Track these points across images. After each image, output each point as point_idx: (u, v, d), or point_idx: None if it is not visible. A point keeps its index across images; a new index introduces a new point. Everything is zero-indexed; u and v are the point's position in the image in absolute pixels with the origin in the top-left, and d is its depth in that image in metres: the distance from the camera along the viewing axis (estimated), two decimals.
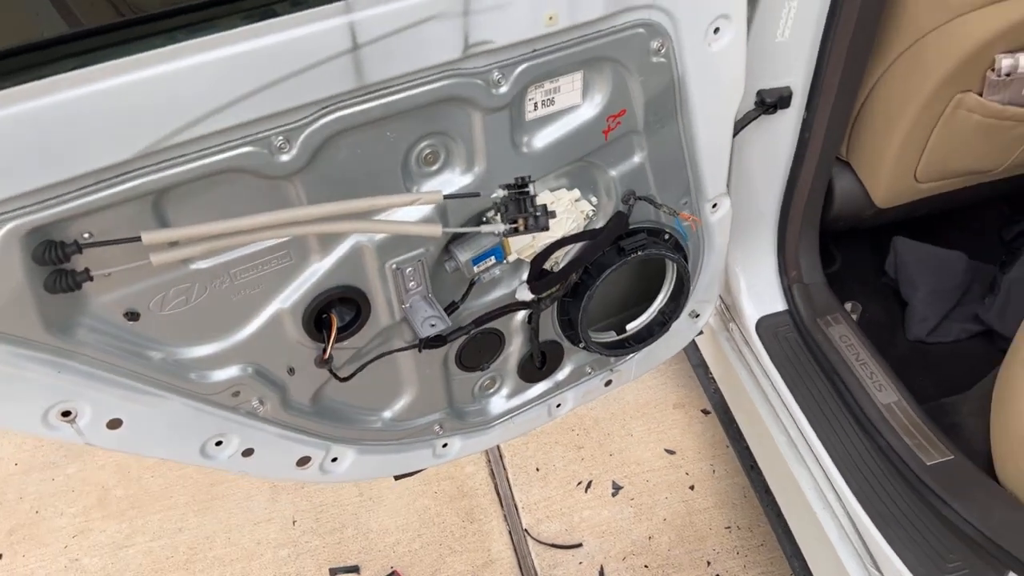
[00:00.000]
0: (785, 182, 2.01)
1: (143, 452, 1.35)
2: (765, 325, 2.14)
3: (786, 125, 1.88)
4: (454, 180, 1.37)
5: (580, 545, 2.40)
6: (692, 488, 2.51)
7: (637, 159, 1.56)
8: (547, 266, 1.59)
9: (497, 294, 1.61)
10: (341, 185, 1.24)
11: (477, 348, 1.70)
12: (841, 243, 2.57)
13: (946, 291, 2.32)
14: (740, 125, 1.78)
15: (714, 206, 1.76)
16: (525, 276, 1.58)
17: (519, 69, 1.28)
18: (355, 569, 2.42)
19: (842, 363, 1.98)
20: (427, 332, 1.42)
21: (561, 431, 2.66)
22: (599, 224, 1.60)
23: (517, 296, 1.62)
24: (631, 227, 1.67)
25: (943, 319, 2.31)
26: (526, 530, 2.45)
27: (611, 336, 1.89)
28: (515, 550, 2.41)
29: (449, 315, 1.52)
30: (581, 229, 1.57)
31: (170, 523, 2.59)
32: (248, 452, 1.49)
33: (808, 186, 2.00)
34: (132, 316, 1.21)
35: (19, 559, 2.54)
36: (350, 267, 1.35)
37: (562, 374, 1.89)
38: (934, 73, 1.82)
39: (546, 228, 1.29)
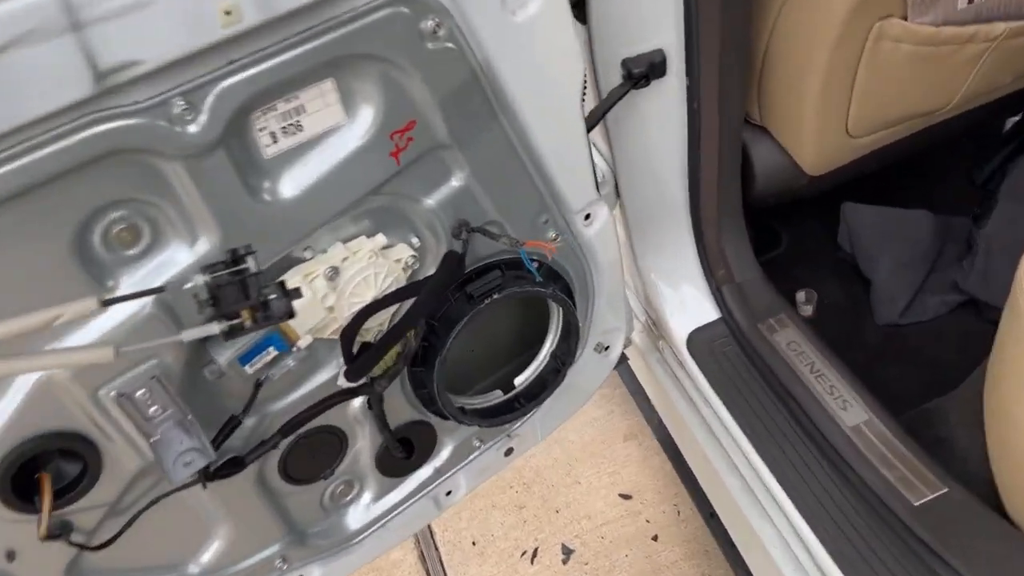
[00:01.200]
0: (686, 165, 1.61)
1: None
2: (697, 340, 1.74)
3: (670, 96, 1.48)
4: (178, 258, 0.97)
5: None
6: (655, 539, 2.11)
7: (457, 181, 1.17)
8: (370, 338, 1.20)
9: (312, 384, 1.22)
10: None
11: (308, 453, 1.30)
12: (785, 218, 2.17)
13: (914, 259, 1.92)
14: (603, 108, 1.38)
15: (587, 218, 1.35)
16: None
17: (215, 91, 0.88)
18: None
19: (793, 378, 1.59)
20: (181, 474, 1.02)
21: (497, 490, 2.26)
22: (431, 271, 1.21)
23: (340, 382, 1.22)
24: (483, 264, 1.28)
25: (916, 294, 1.91)
26: None
27: (496, 397, 1.49)
28: None
29: (230, 433, 1.12)
30: (403, 282, 1.17)
31: None
32: None
33: (715, 164, 1.60)
34: None
35: None
36: (45, 409, 0.95)
37: (442, 456, 1.49)
38: (840, 1, 1.42)
39: (288, 315, 0.89)
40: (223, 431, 1.11)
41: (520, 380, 1.49)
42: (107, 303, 0.81)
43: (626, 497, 2.19)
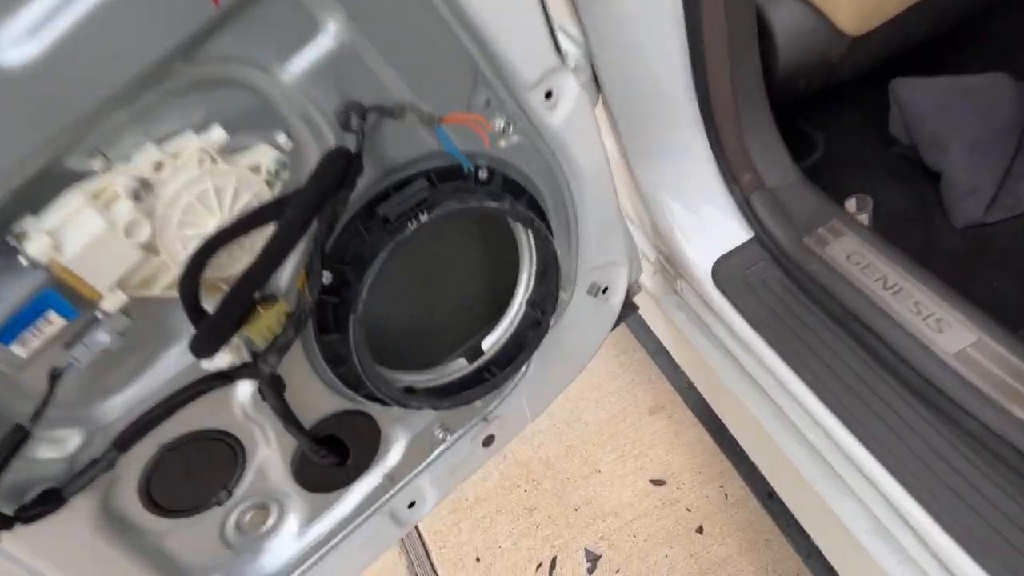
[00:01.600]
0: (685, 38, 1.19)
1: None
2: (726, 271, 1.33)
3: None
4: None
5: None
6: (700, 531, 1.69)
7: (330, 37, 0.77)
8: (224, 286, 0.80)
9: (160, 372, 0.83)
10: None
11: (186, 470, 0.91)
12: (816, 115, 1.74)
13: (997, 138, 1.48)
14: None
15: (548, 96, 0.95)
16: None
17: None
18: None
19: (863, 299, 1.18)
20: None
21: (501, 490, 1.85)
22: None
23: (203, 364, 0.82)
24: (403, 175, 0.89)
25: (1003, 181, 1.47)
26: None
27: (459, 367, 1.09)
28: None
29: (13, 453, 0.73)
30: (268, 197, 0.78)
31: None
32: None
33: (723, 28, 1.19)
34: None
35: None
36: None
37: (392, 457, 1.10)
38: None
39: None
40: (4, 449, 0.72)
41: (490, 342, 1.10)
42: None
43: (659, 483, 1.77)
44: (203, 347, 0.76)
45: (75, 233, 0.67)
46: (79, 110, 0.65)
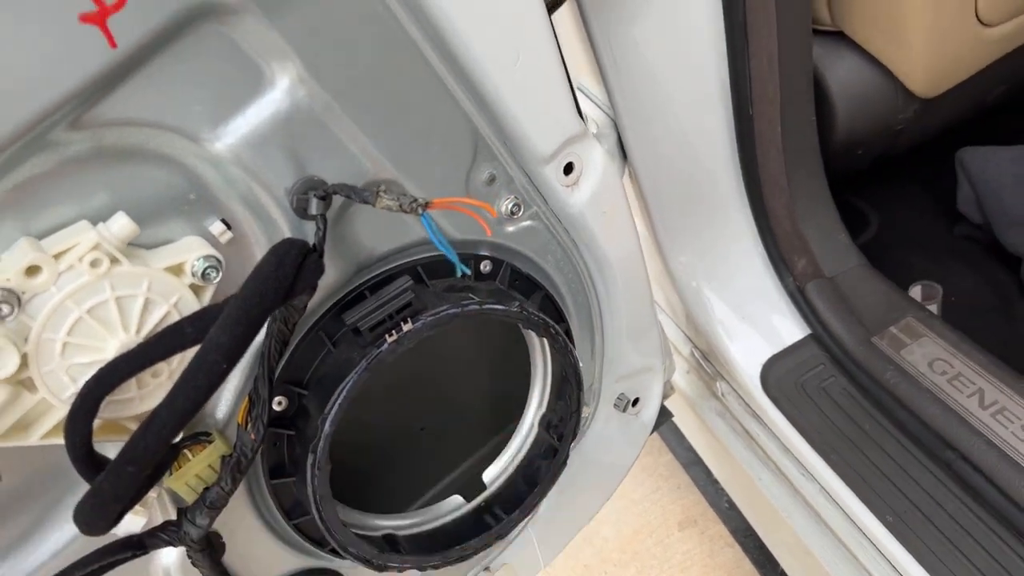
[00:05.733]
0: (729, 97, 1.00)
1: None
2: (777, 375, 1.11)
3: None
4: None
5: None
6: None
7: (282, 93, 0.57)
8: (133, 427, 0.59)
9: (47, 546, 0.62)
10: None
11: None
12: (870, 189, 1.54)
13: None
14: None
15: (568, 171, 0.75)
16: None
17: None
18: None
19: (952, 417, 0.95)
20: None
21: None
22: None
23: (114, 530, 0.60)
24: (382, 271, 0.69)
25: None
26: None
27: (453, 506, 0.87)
28: None
29: None
30: (195, 308, 0.57)
31: None
32: None
33: (775, 90, 1.00)
34: None
35: None
36: None
37: None
38: None
39: None
40: None
41: (492, 474, 0.88)
42: None
43: None
44: (90, 521, 0.54)
45: None
46: None
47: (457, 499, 0.87)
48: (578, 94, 0.77)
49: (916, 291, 1.34)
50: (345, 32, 0.58)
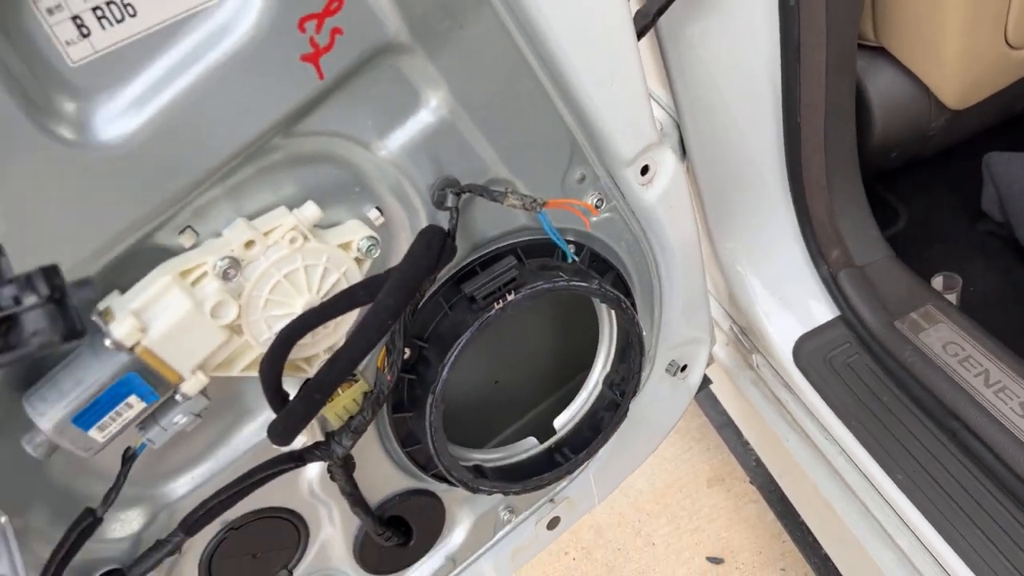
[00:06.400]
0: (780, 105, 1.14)
1: None
2: (808, 350, 1.26)
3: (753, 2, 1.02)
4: None
5: None
6: None
7: (430, 112, 0.73)
8: (311, 372, 0.76)
9: (234, 448, 0.79)
10: None
11: (250, 550, 0.87)
12: (902, 185, 1.66)
13: None
14: (654, 9, 0.93)
15: (644, 172, 0.90)
16: None
17: None
18: None
19: (962, 395, 1.10)
20: None
21: (550, 558, 1.78)
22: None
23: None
24: (491, 250, 0.84)
25: None
26: None
27: (529, 446, 1.04)
28: None
29: (87, 536, 0.69)
30: (360, 277, 0.73)
31: None
32: None
33: (820, 100, 1.13)
34: None
35: None
36: None
37: (455, 538, 1.05)
38: None
39: (69, 336, 0.45)
40: (73, 535, 0.68)
41: (562, 421, 1.04)
42: None
43: (716, 561, 1.68)
44: (282, 434, 0.72)
45: (162, 314, 0.63)
46: (176, 186, 0.62)
47: (532, 440, 1.04)
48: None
49: (938, 281, 1.47)
50: (483, 64, 0.73)
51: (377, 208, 0.76)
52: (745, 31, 1.03)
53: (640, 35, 0.87)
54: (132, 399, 0.65)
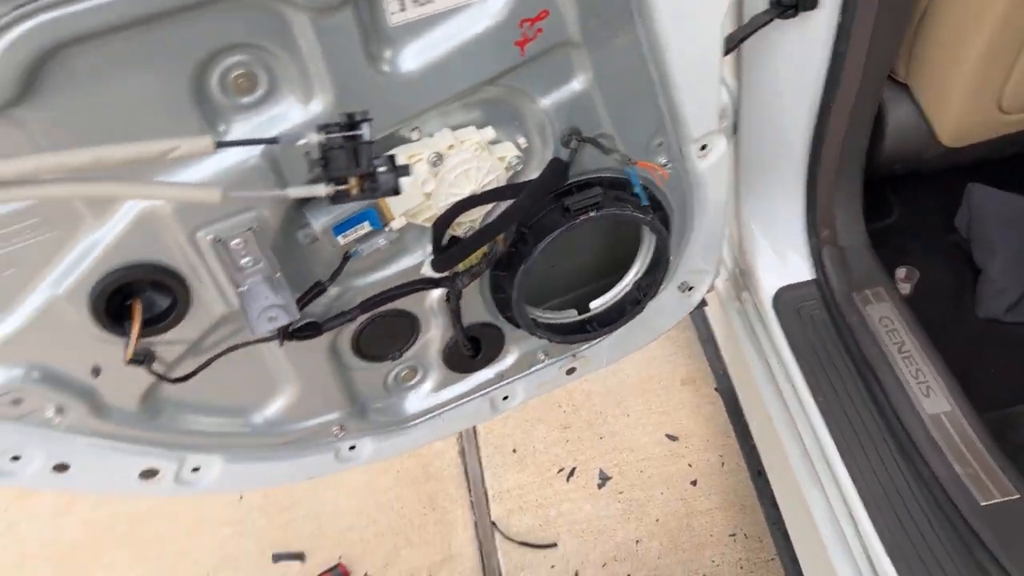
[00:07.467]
0: (816, 112, 1.50)
1: None
2: (785, 299, 1.68)
3: (815, 34, 1.37)
4: (290, 115, 0.96)
5: (554, 545, 2.05)
6: (694, 483, 2.10)
7: (578, 84, 1.11)
8: (459, 232, 1.18)
9: (397, 267, 1.21)
10: (99, 128, 0.85)
11: (381, 333, 1.31)
12: (902, 186, 2.04)
13: None
14: (743, 34, 1.29)
15: (703, 148, 1.29)
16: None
17: None
18: (300, 556, 2.13)
19: (880, 355, 1.52)
20: (263, 327, 1.03)
21: (546, 407, 2.27)
22: (533, 175, 1.17)
23: (424, 271, 1.21)
24: (584, 178, 1.23)
25: None
26: (494, 523, 2.10)
27: (570, 315, 1.47)
28: (479, 546, 2.07)
29: (314, 299, 1.13)
30: (503, 182, 1.14)
31: None
32: (62, 467, 1.16)
33: (847, 116, 1.49)
34: None
35: None
36: (144, 239, 0.97)
37: (506, 362, 1.49)
38: None
39: (394, 191, 0.86)
40: (307, 295, 1.12)
41: (597, 304, 1.46)
42: (221, 145, 0.80)
43: (672, 438, 2.18)
44: (443, 265, 1.14)
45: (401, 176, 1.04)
46: (427, 105, 1.02)
47: (572, 311, 1.46)
48: None
49: (902, 271, 1.87)
50: (619, 61, 1.10)
51: (525, 137, 1.15)
52: (802, 61, 1.39)
53: (726, 53, 1.23)
54: (365, 224, 1.07)
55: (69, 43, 0.78)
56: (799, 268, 1.69)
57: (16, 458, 1.12)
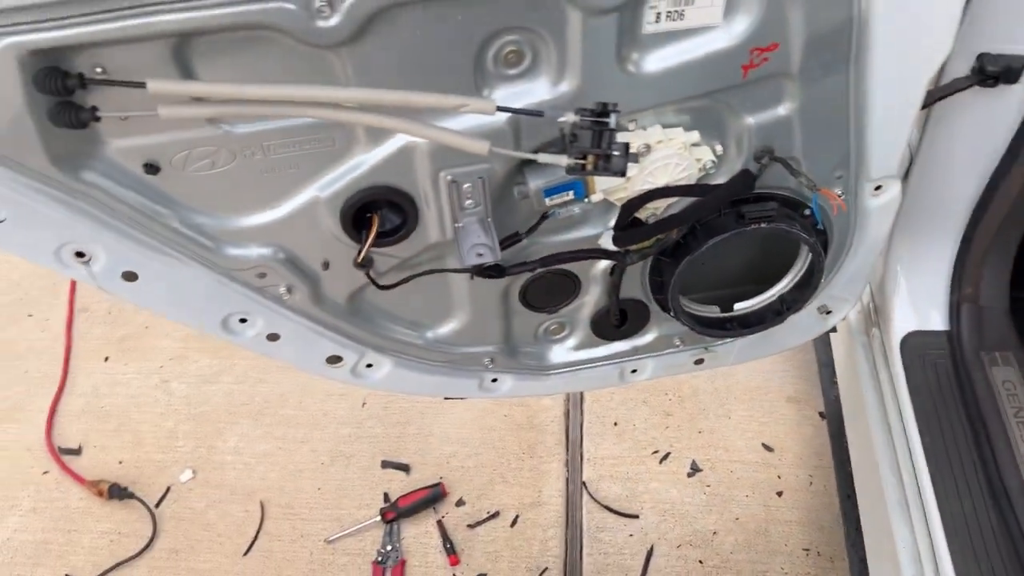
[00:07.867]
0: (988, 177, 1.58)
1: (159, 311, 1.29)
2: (913, 343, 1.76)
3: (1008, 105, 1.45)
4: (537, 91, 1.14)
5: (637, 517, 2.21)
6: (780, 494, 2.21)
7: (783, 110, 1.24)
8: (642, 216, 1.33)
9: (578, 234, 1.38)
10: (398, 73, 1.05)
11: (546, 288, 1.49)
12: None
13: None
14: (940, 94, 1.38)
15: (877, 188, 1.40)
16: (613, 221, 1.34)
17: None
18: (405, 468, 2.37)
19: (994, 412, 1.59)
20: (472, 260, 1.23)
21: (652, 391, 2.42)
22: (719, 179, 1.31)
23: (601, 242, 1.38)
24: (760, 191, 1.36)
25: None
26: (584, 483, 2.28)
27: (712, 311, 1.61)
28: (567, 500, 2.26)
29: (510, 247, 1.31)
30: (694, 180, 1.29)
31: (255, 372, 2.66)
32: (273, 336, 1.40)
33: (1018, 190, 1.56)
34: (151, 169, 1.11)
35: (121, 366, 2.72)
36: (399, 168, 1.17)
37: (644, 339, 1.65)
38: None
39: (621, 173, 1.03)
40: (506, 241, 1.30)
41: (741, 306, 1.60)
42: (500, 109, 0.99)
43: (768, 448, 2.29)
44: (622, 242, 1.31)
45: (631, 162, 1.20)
46: (652, 104, 1.17)
47: (715, 308, 1.60)
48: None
49: None
50: (824, 97, 1.22)
51: (722, 145, 1.29)
52: (988, 128, 1.47)
53: (924, 107, 1.33)
54: (570, 193, 1.24)
55: (397, 4, 0.98)
56: (933, 317, 1.77)
57: (243, 320, 1.36)
